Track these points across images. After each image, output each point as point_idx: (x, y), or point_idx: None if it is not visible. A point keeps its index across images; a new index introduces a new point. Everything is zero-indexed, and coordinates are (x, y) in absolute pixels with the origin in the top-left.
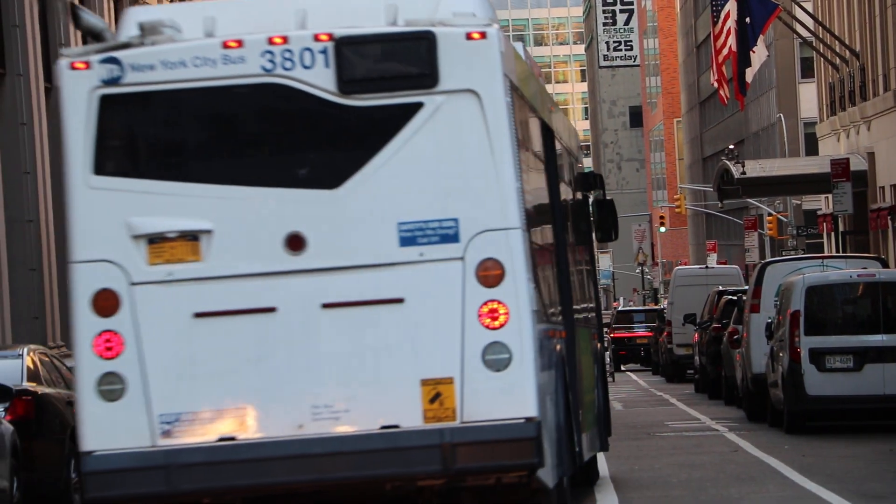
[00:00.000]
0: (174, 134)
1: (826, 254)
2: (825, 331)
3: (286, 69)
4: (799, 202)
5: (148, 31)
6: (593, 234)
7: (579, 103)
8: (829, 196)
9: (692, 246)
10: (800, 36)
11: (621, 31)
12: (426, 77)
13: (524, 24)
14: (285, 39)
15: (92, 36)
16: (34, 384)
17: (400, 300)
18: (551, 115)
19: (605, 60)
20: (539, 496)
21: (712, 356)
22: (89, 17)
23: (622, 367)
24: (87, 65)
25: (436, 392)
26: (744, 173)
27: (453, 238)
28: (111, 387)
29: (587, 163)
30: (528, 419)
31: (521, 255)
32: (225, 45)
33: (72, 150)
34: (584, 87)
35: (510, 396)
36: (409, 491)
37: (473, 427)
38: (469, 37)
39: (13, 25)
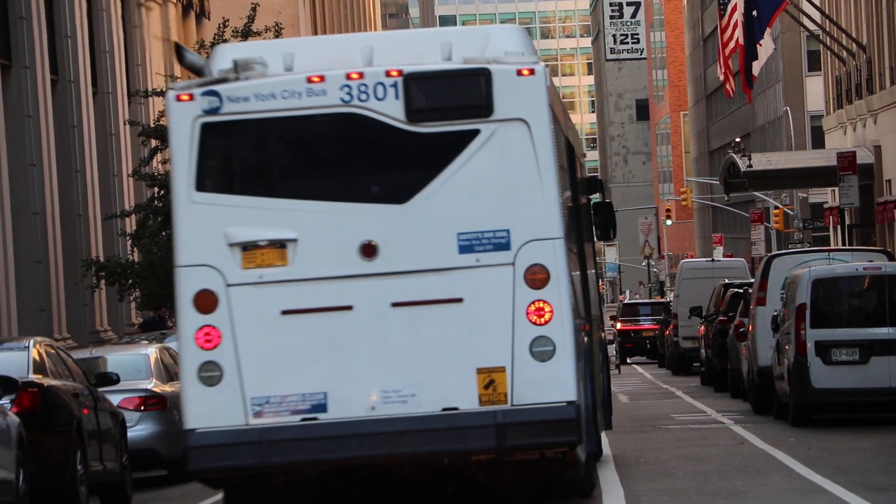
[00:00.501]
0: (265, 156)
1: (832, 247)
2: (831, 324)
3: (361, 101)
4: (805, 195)
5: (241, 67)
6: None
7: (586, 96)
8: (836, 189)
9: (698, 239)
10: (807, 29)
11: (628, 24)
12: (482, 107)
13: (531, 16)
14: (361, 75)
15: (193, 71)
16: (40, 376)
17: (459, 300)
18: (571, 132)
19: (611, 53)
20: (573, 469)
21: (718, 349)
22: (191, 56)
23: (628, 360)
24: (191, 97)
25: (490, 379)
26: (750, 166)
27: (505, 246)
28: (210, 374)
29: (594, 156)
30: (570, 402)
31: (563, 262)
32: (309, 80)
33: (177, 169)
34: (590, 80)
35: (554, 383)
36: (463, 464)
37: (522, 409)
38: (520, 73)
39: (19, 17)
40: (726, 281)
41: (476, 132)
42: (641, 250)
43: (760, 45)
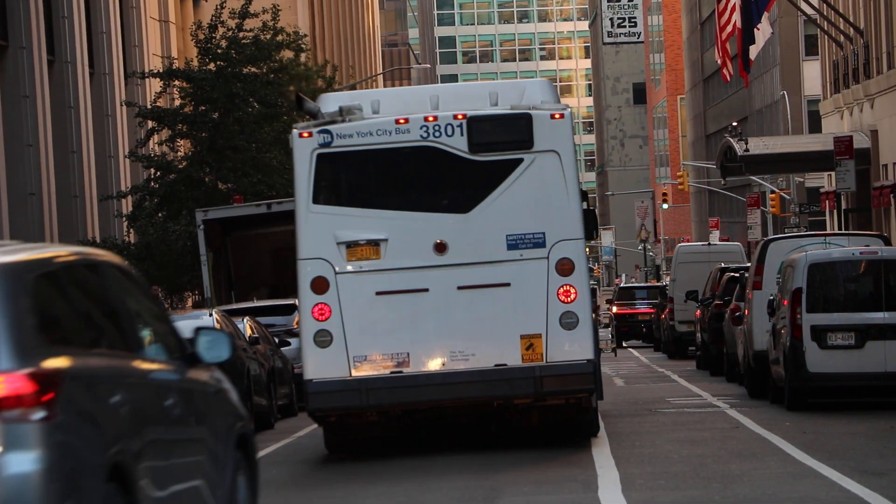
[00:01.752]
0: (363, 178)
1: (829, 231)
2: (827, 308)
3: (436, 137)
4: (802, 179)
5: (345, 112)
6: None
7: (583, 80)
8: (832, 174)
9: (695, 223)
10: (804, 13)
11: (625, 7)
12: (525, 142)
13: (528, 0)
14: (436, 118)
15: (310, 115)
16: None
17: (507, 284)
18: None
19: (608, 37)
20: (586, 413)
21: (714, 333)
22: (308, 104)
23: (624, 344)
24: (310, 134)
25: (530, 343)
26: (747, 150)
27: (542, 244)
28: (323, 339)
29: (590, 139)
30: (588, 360)
31: (583, 256)
32: (397, 122)
33: (299, 188)
34: (587, 63)
35: (577, 346)
36: (507, 407)
37: (554, 365)
38: (553, 116)
39: None
40: (722, 265)
41: (520, 160)
42: (638, 234)
43: (758, 29)
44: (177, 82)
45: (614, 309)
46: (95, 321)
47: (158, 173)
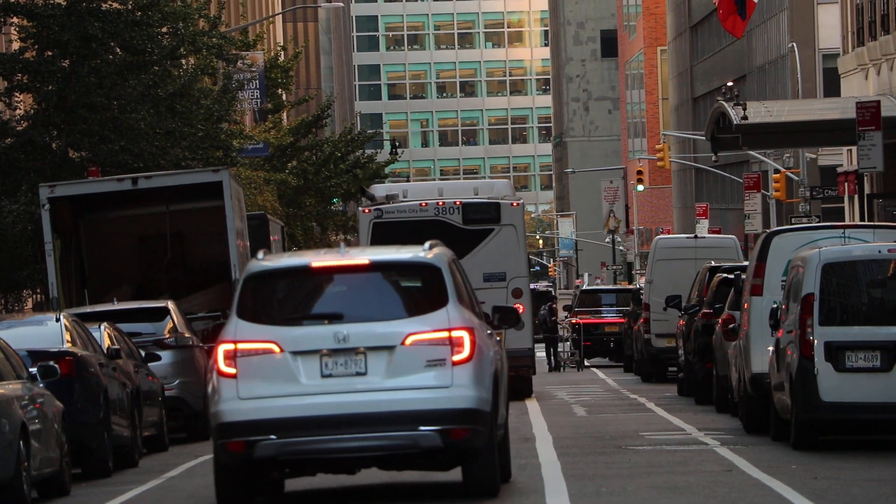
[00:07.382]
0: (400, 237)
1: (848, 222)
2: (846, 320)
3: (443, 215)
4: (814, 156)
5: (390, 198)
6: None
7: (537, 25)
8: (854, 149)
9: (677, 209)
10: None
11: None
12: (496, 219)
13: None
14: (443, 203)
15: (369, 199)
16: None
17: (483, 302)
18: None
19: None
20: (526, 382)
21: (701, 350)
22: (368, 192)
23: (586, 363)
24: (369, 211)
25: (496, 338)
26: (745, 118)
27: (503, 279)
28: None
29: (545, 102)
30: (529, 348)
31: (528, 286)
32: (420, 205)
33: (361, 244)
34: (543, 4)
35: (523, 340)
36: None
37: (509, 350)
38: (512, 205)
39: None
40: (713, 263)
41: (493, 229)
42: (605, 223)
43: None
44: (15, 20)
45: (575, 318)
46: None
47: None
